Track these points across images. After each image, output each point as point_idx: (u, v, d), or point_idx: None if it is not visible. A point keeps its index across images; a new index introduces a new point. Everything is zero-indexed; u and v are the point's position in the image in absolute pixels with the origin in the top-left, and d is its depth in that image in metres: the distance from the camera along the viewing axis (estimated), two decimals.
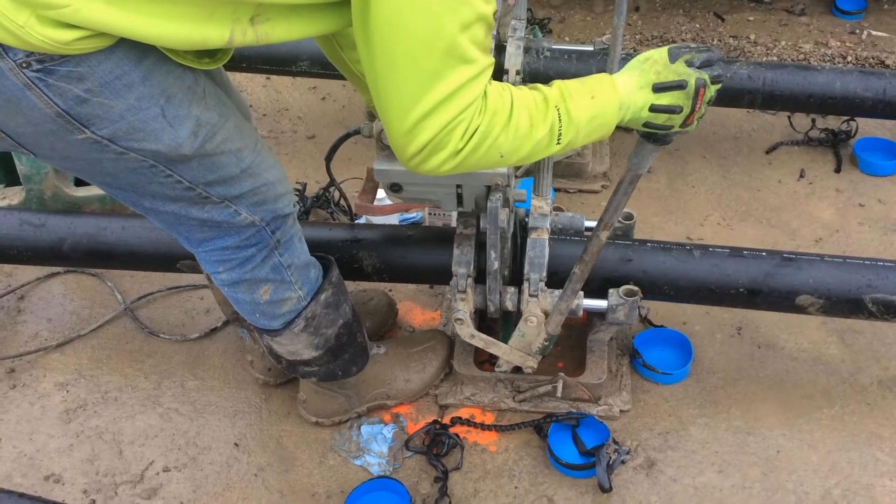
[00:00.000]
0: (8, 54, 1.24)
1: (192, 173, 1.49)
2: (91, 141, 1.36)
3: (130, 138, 1.38)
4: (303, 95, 3.09)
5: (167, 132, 1.40)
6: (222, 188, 1.54)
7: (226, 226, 1.61)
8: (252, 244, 1.66)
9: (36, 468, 2.02)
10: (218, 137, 1.49)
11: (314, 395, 2.02)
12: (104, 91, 1.31)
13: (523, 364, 1.96)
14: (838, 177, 2.71)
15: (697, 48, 1.44)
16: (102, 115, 1.33)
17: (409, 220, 2.54)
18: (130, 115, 1.35)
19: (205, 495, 1.95)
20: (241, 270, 1.69)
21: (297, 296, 1.76)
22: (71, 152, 1.40)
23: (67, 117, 1.32)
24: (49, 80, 1.27)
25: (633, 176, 1.57)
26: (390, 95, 1.32)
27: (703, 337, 2.23)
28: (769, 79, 2.52)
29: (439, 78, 1.28)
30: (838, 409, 2.06)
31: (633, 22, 3.44)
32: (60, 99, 1.30)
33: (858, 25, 3.38)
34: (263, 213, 1.63)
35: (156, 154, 1.42)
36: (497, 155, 1.40)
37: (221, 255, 1.67)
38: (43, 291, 2.44)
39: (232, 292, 1.74)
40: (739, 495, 1.90)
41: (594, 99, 1.43)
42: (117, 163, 1.42)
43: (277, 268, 1.71)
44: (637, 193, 2.65)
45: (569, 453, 1.95)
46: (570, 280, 1.78)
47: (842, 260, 1.95)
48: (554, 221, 2.04)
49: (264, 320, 1.78)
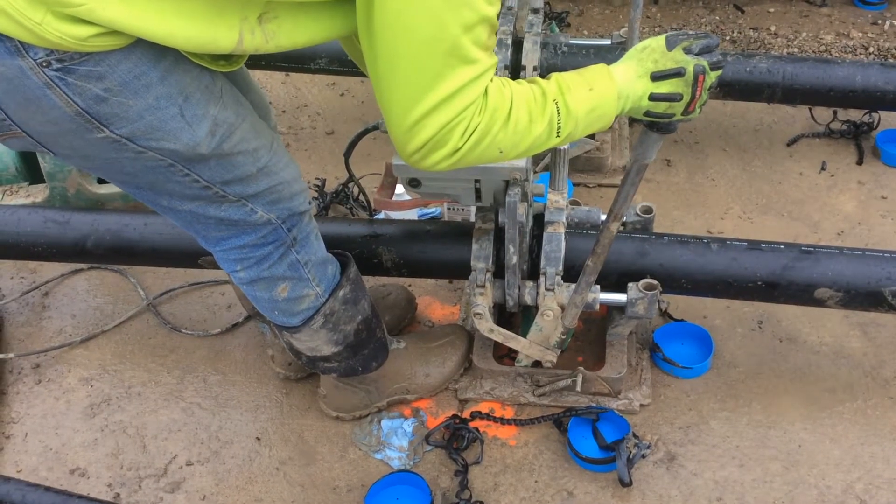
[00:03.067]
0: (28, 53, 1.25)
1: (210, 172, 1.50)
2: (110, 140, 1.37)
3: (149, 137, 1.39)
4: (321, 92, 3.11)
5: (185, 132, 1.41)
6: (239, 187, 1.55)
7: (242, 224, 1.62)
8: (268, 242, 1.67)
9: (61, 462, 2.05)
10: (235, 137, 1.50)
11: (334, 389, 2.03)
12: (123, 90, 1.32)
13: (542, 358, 1.96)
14: (860, 169, 2.68)
15: (696, 34, 1.43)
16: (121, 115, 1.35)
17: (427, 216, 2.55)
18: (149, 115, 1.36)
19: (227, 489, 1.97)
20: (259, 268, 1.70)
21: (314, 293, 1.77)
22: (90, 151, 1.41)
23: (87, 116, 1.33)
24: (69, 80, 1.28)
25: (640, 166, 1.56)
26: (392, 94, 1.33)
27: (724, 331, 2.22)
28: (789, 72, 2.50)
29: (441, 78, 1.29)
30: (861, 403, 2.05)
31: (651, 14, 3.42)
32: (80, 98, 1.31)
33: (881, 16, 3.34)
34: (279, 212, 1.64)
35: (174, 153, 1.43)
36: (496, 151, 1.41)
37: (239, 253, 1.68)
38: (67, 288, 2.47)
39: (251, 290, 1.75)
40: (760, 489, 1.90)
41: (592, 91, 1.44)
42: (136, 162, 1.43)
43: (294, 265, 1.72)
44: (656, 187, 2.65)
45: (589, 447, 1.95)
46: (584, 273, 1.78)
47: (861, 252, 1.93)
48: (570, 216, 2.04)
49: (283, 317, 1.79)
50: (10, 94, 1.30)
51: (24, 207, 2.25)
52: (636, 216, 2.07)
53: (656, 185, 2.66)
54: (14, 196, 2.63)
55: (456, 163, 1.40)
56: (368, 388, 2.03)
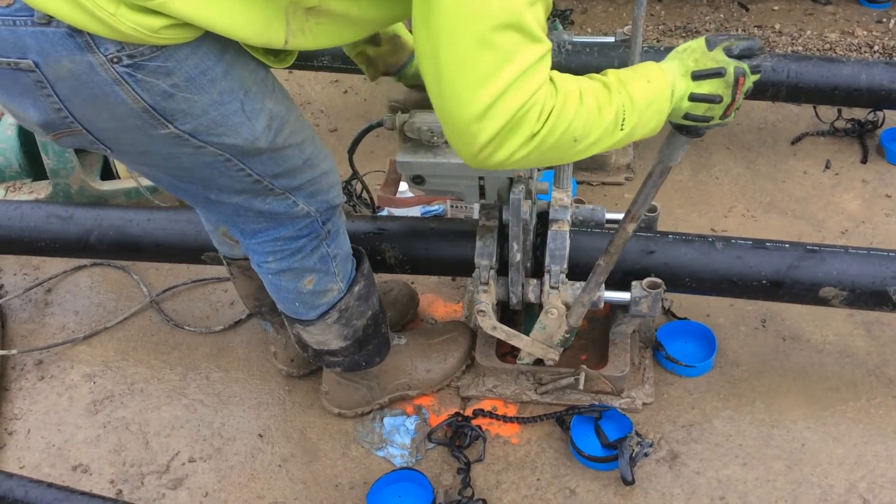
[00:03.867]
0: (99, 49, 1.25)
1: (262, 166, 1.51)
2: (173, 136, 1.37)
3: (211, 133, 1.39)
4: (325, 89, 3.10)
5: (245, 126, 1.42)
6: (286, 180, 1.56)
7: (283, 217, 1.63)
8: (304, 234, 1.68)
9: (64, 458, 2.05)
10: (286, 130, 1.51)
11: (336, 386, 2.03)
12: (189, 86, 1.32)
13: (545, 356, 1.96)
14: (865, 167, 2.68)
15: (737, 36, 1.41)
16: (186, 111, 1.35)
17: (431, 213, 2.54)
18: (213, 110, 1.37)
19: (229, 485, 1.97)
20: (291, 260, 1.70)
21: (337, 288, 1.78)
22: (151, 147, 1.41)
23: (153, 112, 1.33)
24: (138, 76, 1.28)
25: (664, 168, 1.55)
26: (457, 81, 1.25)
27: (727, 329, 2.22)
28: (793, 71, 2.49)
29: (510, 58, 1.23)
30: (864, 402, 2.04)
31: (656, 12, 3.41)
32: (148, 94, 1.31)
33: (885, 14, 3.33)
34: (318, 204, 1.65)
35: (233, 148, 1.44)
36: (571, 139, 1.34)
37: (274, 245, 1.68)
38: (70, 284, 2.47)
39: (276, 280, 1.75)
40: (763, 488, 1.89)
41: (650, 83, 1.39)
42: (194, 157, 1.43)
43: (324, 258, 1.73)
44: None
45: (591, 446, 1.95)
46: (595, 272, 1.77)
47: (866, 252, 1.93)
48: (574, 213, 2.03)
49: (302, 309, 1.79)
50: (76, 90, 1.29)
51: (27, 203, 2.25)
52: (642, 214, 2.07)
53: None
54: (17, 192, 2.63)
55: (530, 152, 1.31)
56: (370, 385, 2.03)
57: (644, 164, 2.71)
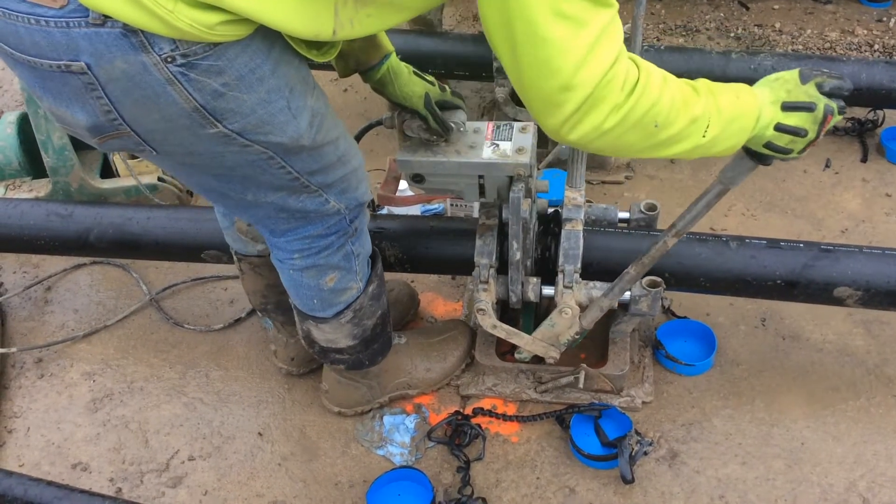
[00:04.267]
0: (153, 49, 1.24)
1: (302, 164, 1.51)
2: (221, 135, 1.38)
3: (258, 132, 1.40)
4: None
5: (291, 124, 1.42)
6: (321, 177, 1.57)
7: (314, 215, 1.63)
8: (333, 232, 1.68)
9: (63, 457, 2.05)
10: (325, 127, 1.52)
11: (337, 385, 2.03)
12: (239, 85, 1.33)
13: (545, 354, 1.96)
14: (865, 166, 2.68)
15: (830, 74, 1.40)
16: (235, 110, 1.35)
17: (431, 212, 2.54)
18: (261, 109, 1.37)
19: (229, 484, 1.97)
20: (317, 257, 1.71)
21: (357, 287, 1.79)
22: (197, 147, 1.41)
23: (203, 112, 1.33)
24: (191, 75, 1.28)
25: (722, 190, 1.51)
26: (538, 53, 1.26)
27: (727, 328, 2.22)
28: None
29: (583, 24, 1.25)
30: (864, 401, 2.04)
31: (656, 11, 3.41)
32: (199, 94, 1.31)
33: (886, 13, 3.33)
34: (348, 201, 1.65)
35: (277, 146, 1.44)
36: (653, 122, 1.33)
37: (303, 243, 1.69)
38: (70, 282, 2.47)
39: (298, 276, 1.75)
40: (763, 487, 1.89)
41: (738, 99, 1.39)
42: (239, 155, 1.43)
43: (349, 256, 1.74)
44: (660, 184, 2.64)
45: (591, 444, 1.95)
46: (622, 279, 1.76)
47: (881, 251, 1.93)
48: (587, 213, 2.04)
49: (320, 307, 1.79)
50: (127, 92, 1.29)
51: (27, 201, 2.25)
52: (640, 213, 2.07)
53: (660, 182, 2.66)
54: (17, 191, 2.63)
55: (614, 127, 1.32)
56: (370, 384, 2.03)
57: (643, 163, 2.71)
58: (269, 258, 1.81)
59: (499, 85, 2.57)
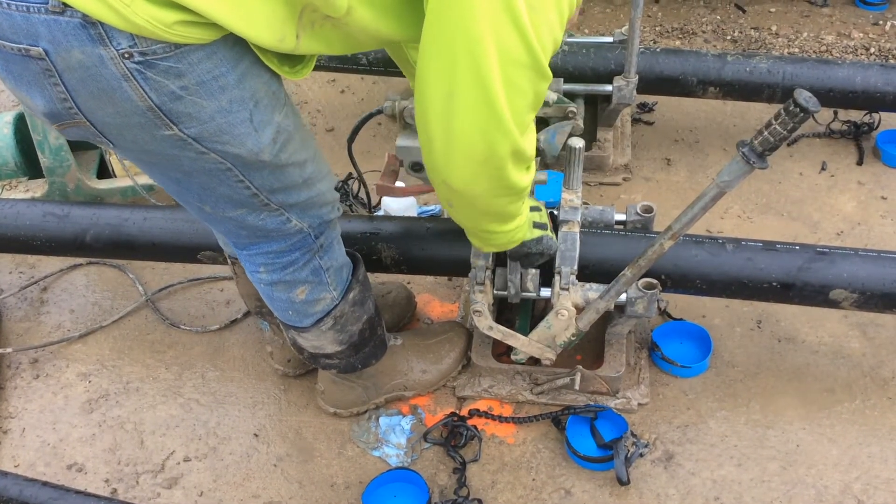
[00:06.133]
0: (111, 43, 1.23)
1: (262, 180, 1.50)
2: (176, 138, 1.37)
3: (215, 140, 1.39)
4: (322, 88, 3.10)
5: (251, 137, 1.41)
6: (282, 196, 1.56)
7: (275, 233, 1.63)
8: (296, 248, 1.68)
9: (59, 457, 2.05)
10: (291, 146, 1.50)
11: (332, 385, 2.03)
12: (199, 90, 1.31)
13: (542, 356, 1.96)
14: (860, 169, 2.68)
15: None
16: (193, 114, 1.34)
17: (427, 213, 2.55)
18: (220, 118, 1.36)
19: (225, 485, 1.97)
20: (283, 273, 1.71)
21: (331, 296, 1.79)
22: (153, 146, 1.40)
23: (158, 112, 1.32)
24: (148, 74, 1.27)
25: (719, 193, 1.52)
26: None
27: (723, 330, 2.22)
28: (789, 73, 2.50)
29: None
30: (859, 403, 2.05)
31: (653, 14, 3.42)
32: (155, 94, 1.30)
33: (882, 16, 3.34)
34: (311, 220, 1.65)
35: (235, 158, 1.43)
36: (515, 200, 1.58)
37: (266, 258, 1.69)
38: (66, 283, 2.47)
39: (269, 290, 1.76)
40: (758, 489, 1.90)
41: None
42: (195, 162, 1.42)
43: (317, 270, 1.73)
44: (657, 186, 2.65)
45: (587, 446, 1.95)
46: (618, 281, 1.76)
47: (876, 254, 1.93)
48: (584, 215, 2.04)
49: (296, 318, 1.80)
50: (83, 82, 1.28)
51: (23, 201, 2.25)
52: (636, 215, 2.07)
53: (656, 183, 2.66)
54: (13, 191, 2.63)
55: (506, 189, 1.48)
56: (366, 385, 2.03)
57: (641, 164, 2.71)
58: None
59: None
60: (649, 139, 2.80)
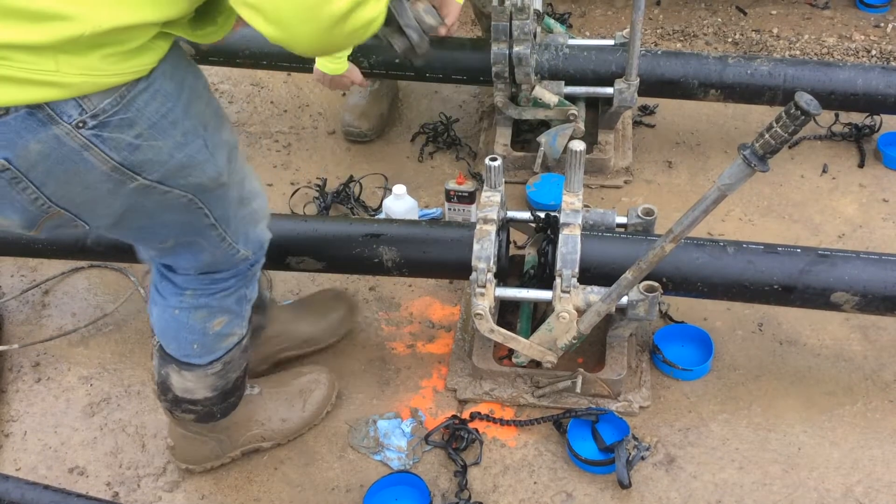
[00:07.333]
0: (62, 118, 1.23)
1: (218, 202, 1.51)
2: (142, 187, 1.37)
3: (178, 176, 1.39)
4: (323, 91, 3.10)
5: (210, 163, 1.42)
6: (232, 213, 1.56)
7: (223, 264, 1.64)
8: (233, 276, 1.68)
9: (60, 461, 2.05)
10: (239, 160, 1.52)
11: (183, 440, 1.93)
12: (153, 133, 1.32)
13: (543, 358, 1.96)
14: (861, 172, 2.68)
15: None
16: (153, 159, 1.34)
17: (429, 216, 2.55)
18: (178, 153, 1.36)
19: (226, 488, 1.97)
20: (211, 297, 1.68)
21: (240, 333, 1.76)
22: (123, 206, 1.39)
23: (122, 169, 1.32)
24: (104, 135, 1.27)
25: (720, 195, 1.52)
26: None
27: (724, 333, 2.22)
28: (790, 75, 2.50)
29: None
30: (861, 406, 2.05)
31: (654, 16, 3.42)
32: (115, 152, 1.30)
33: (883, 18, 3.34)
34: (254, 245, 1.66)
35: (198, 187, 1.44)
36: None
37: (201, 282, 1.66)
38: (67, 286, 2.47)
39: (182, 316, 1.70)
40: (760, 492, 1.89)
41: None
42: (159, 203, 1.42)
43: (241, 300, 1.72)
44: (658, 189, 2.65)
45: (588, 449, 1.95)
46: (619, 284, 1.75)
47: (877, 256, 1.93)
48: (585, 218, 2.04)
49: (199, 352, 1.74)
50: (49, 172, 1.28)
51: None
52: (637, 218, 2.07)
53: (658, 186, 2.66)
54: None
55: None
56: (220, 438, 1.94)
57: (642, 166, 2.71)
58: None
59: (497, 90, 2.58)
60: (650, 142, 2.80)
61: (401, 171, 2.75)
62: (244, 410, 1.94)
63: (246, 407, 1.95)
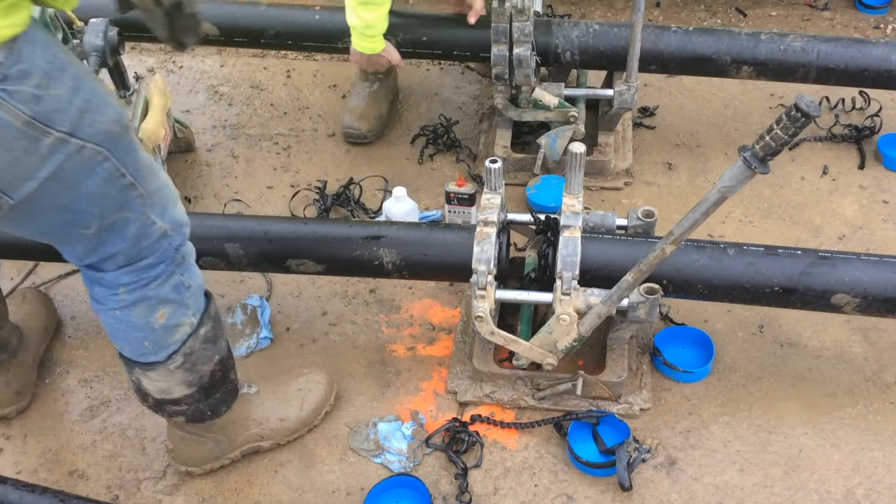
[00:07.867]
0: None
1: (127, 155, 1.49)
2: (57, 141, 1.36)
3: (84, 123, 1.38)
4: (323, 93, 3.10)
5: (107, 105, 1.43)
6: (144, 181, 1.54)
7: (143, 239, 1.59)
8: (161, 260, 1.63)
9: (60, 464, 2.04)
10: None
11: (181, 442, 1.93)
12: (48, 81, 1.32)
13: (543, 361, 1.96)
14: (862, 173, 2.68)
15: None
16: (58, 108, 1.34)
17: (429, 218, 2.55)
18: (75, 98, 1.37)
19: (226, 491, 1.97)
20: (146, 289, 1.64)
21: (189, 323, 1.71)
22: (42, 170, 1.38)
23: (34, 123, 1.32)
24: (9, 88, 1.28)
25: (720, 198, 1.53)
26: None
27: (725, 335, 2.22)
28: (823, 52, 2.47)
29: None
30: (861, 408, 2.04)
31: (654, 17, 3.42)
32: (24, 104, 1.30)
33: (882, 20, 3.34)
34: (171, 221, 1.62)
35: (106, 136, 1.43)
36: None
37: (132, 275, 1.62)
38: (66, 289, 2.46)
39: (125, 315, 1.66)
40: (761, 494, 1.89)
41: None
42: (78, 165, 1.41)
43: (178, 287, 1.67)
44: (658, 190, 2.64)
45: (589, 451, 1.95)
46: (620, 286, 1.75)
47: (878, 258, 1.93)
48: (585, 220, 2.03)
49: (153, 349, 1.70)
50: None
51: None
52: (638, 220, 2.07)
53: (658, 188, 2.66)
54: None
55: None
56: (217, 438, 1.93)
57: (643, 168, 2.71)
58: None
59: (498, 92, 2.58)
60: (650, 143, 2.80)
61: (401, 174, 2.74)
62: (241, 410, 1.94)
63: (243, 406, 1.94)
